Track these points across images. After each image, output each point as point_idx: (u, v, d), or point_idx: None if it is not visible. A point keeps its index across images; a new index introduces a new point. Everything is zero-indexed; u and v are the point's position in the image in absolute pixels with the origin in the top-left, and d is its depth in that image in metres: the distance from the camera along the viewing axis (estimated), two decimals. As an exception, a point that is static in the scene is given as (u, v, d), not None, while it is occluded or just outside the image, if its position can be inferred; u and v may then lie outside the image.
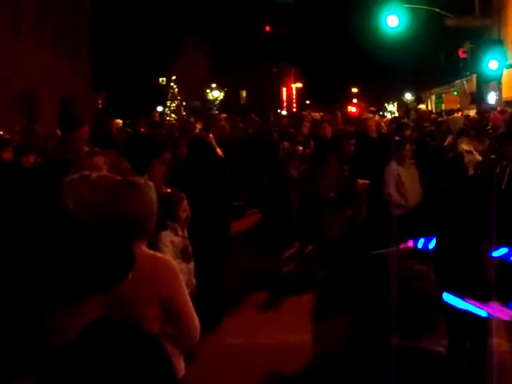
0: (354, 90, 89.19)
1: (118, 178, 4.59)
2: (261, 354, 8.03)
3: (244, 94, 74.99)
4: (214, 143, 11.17)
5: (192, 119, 19.64)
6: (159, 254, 4.08)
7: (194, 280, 6.42)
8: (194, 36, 52.14)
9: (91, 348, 2.06)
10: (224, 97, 62.83)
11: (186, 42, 52.40)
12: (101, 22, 52.16)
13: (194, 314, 3.90)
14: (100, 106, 47.03)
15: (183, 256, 6.45)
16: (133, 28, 59.56)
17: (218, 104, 60.49)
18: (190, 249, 6.67)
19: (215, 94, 62.18)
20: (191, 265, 6.56)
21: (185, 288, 3.87)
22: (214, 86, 61.77)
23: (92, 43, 50.21)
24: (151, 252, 3.95)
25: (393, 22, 27.58)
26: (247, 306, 10.03)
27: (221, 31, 61.41)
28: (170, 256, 5.36)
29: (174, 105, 54.81)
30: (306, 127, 14.32)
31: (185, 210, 6.71)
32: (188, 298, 3.88)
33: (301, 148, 13.22)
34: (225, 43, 61.85)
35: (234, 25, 65.57)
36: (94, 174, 4.73)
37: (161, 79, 63.29)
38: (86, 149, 8.55)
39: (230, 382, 7.34)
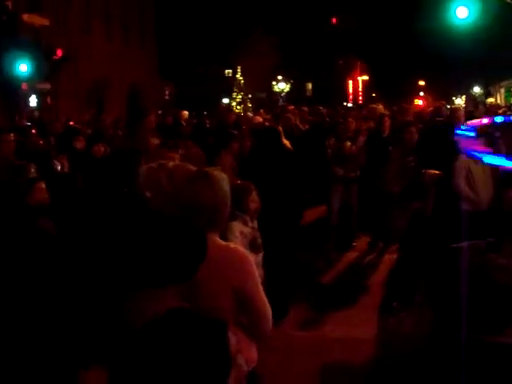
0: (421, 82, 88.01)
1: (193, 167, 4.63)
2: (325, 347, 8.02)
3: (310, 86, 74.73)
4: (282, 134, 11.18)
5: (261, 111, 19.65)
6: (232, 245, 4.09)
7: (261, 271, 6.42)
8: (260, 28, 52.18)
9: (156, 334, 2.09)
10: (290, 89, 62.77)
11: (252, 33, 52.48)
12: (168, 13, 52.63)
13: (267, 303, 3.91)
14: (167, 98, 47.53)
15: (252, 247, 6.45)
16: (200, 19, 59.96)
17: (284, 96, 60.45)
18: (259, 240, 6.68)
19: (281, 86, 62.17)
20: (260, 256, 6.56)
21: (258, 278, 3.88)
22: (280, 77, 61.78)
23: (159, 35, 50.74)
24: (224, 243, 3.97)
25: (462, 13, 27.04)
26: (312, 298, 10.02)
27: (288, 22, 61.37)
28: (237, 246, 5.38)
29: (240, 96, 54.98)
30: (352, 122, 12.92)
31: (254, 200, 6.73)
32: (261, 288, 3.89)
33: (349, 144, 12.21)
34: (291, 35, 61.77)
35: (300, 16, 65.43)
36: (171, 163, 4.79)
37: (227, 71, 63.61)
38: (154, 139, 8.66)
39: (295, 374, 7.34)
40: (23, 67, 28.59)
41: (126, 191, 5.64)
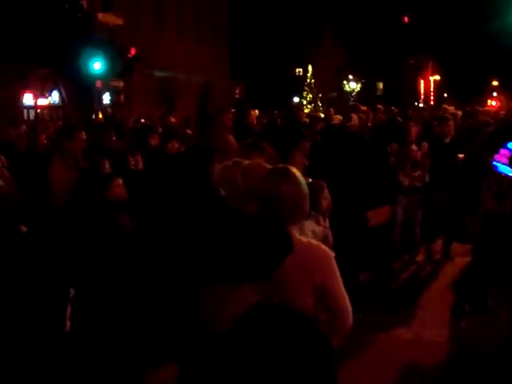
0: (494, 83, 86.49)
1: (268, 165, 4.66)
2: (397, 348, 7.97)
3: (381, 85, 74.26)
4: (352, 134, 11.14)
5: (331, 110, 19.55)
6: (314, 242, 4.08)
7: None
8: (331, 26, 52.00)
9: (253, 329, 2.07)
10: (361, 88, 62.43)
11: (323, 32, 52.34)
12: (240, 13, 52.89)
13: (348, 301, 3.88)
14: (237, 96, 47.77)
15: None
16: (271, 19, 60.12)
17: (355, 95, 60.13)
18: (330, 238, 6.67)
19: (352, 86, 61.87)
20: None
21: (339, 276, 3.85)
22: (350, 77, 61.50)
23: (231, 34, 51.02)
24: (305, 239, 3.97)
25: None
26: (382, 299, 9.95)
27: (358, 21, 61.08)
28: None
29: (311, 96, 54.89)
30: (414, 126, 11.61)
31: (326, 198, 6.73)
32: (342, 286, 3.86)
33: (415, 149, 11.20)
34: (362, 34, 61.46)
35: (372, 15, 65.03)
36: (246, 161, 4.82)
37: (297, 70, 63.62)
38: (230, 136, 8.70)
39: (366, 375, 7.30)
40: (97, 65, 29.13)
41: (200, 188, 5.69)
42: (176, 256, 4.44)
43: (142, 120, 19.60)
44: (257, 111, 17.65)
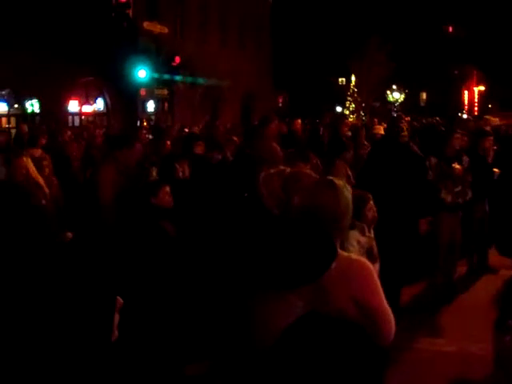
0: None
1: (313, 174, 4.68)
2: (440, 361, 7.92)
3: (424, 95, 73.71)
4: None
5: (376, 120, 19.52)
6: (354, 256, 4.06)
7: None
8: (375, 37, 51.85)
9: (303, 338, 2.07)
10: (404, 98, 62.11)
11: (367, 42, 52.21)
12: (283, 22, 53.00)
13: (391, 314, 3.82)
14: (280, 106, 47.86)
15: (369, 256, 6.40)
16: (314, 28, 60.14)
17: (398, 105, 59.86)
18: (375, 249, 6.66)
19: (396, 96, 61.60)
20: (376, 266, 6.52)
21: (380, 289, 3.83)
22: (394, 87, 61.24)
23: (273, 43, 51.14)
24: (346, 254, 3.95)
25: None
26: (426, 311, 9.90)
27: (402, 32, 60.78)
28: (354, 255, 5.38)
29: (354, 105, 54.77)
30: (457, 139, 10.95)
31: (371, 209, 6.72)
32: (383, 299, 3.82)
33: (458, 166, 10.50)
34: (406, 44, 61.14)
35: (415, 25, 64.68)
36: (288, 169, 4.85)
37: (340, 79, 63.54)
38: (276, 145, 8.74)
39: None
40: (142, 73, 29.38)
41: (247, 197, 5.73)
42: (221, 264, 4.48)
43: (186, 129, 19.73)
44: (299, 121, 17.61)
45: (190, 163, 8.67)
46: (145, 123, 23.38)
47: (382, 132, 14.19)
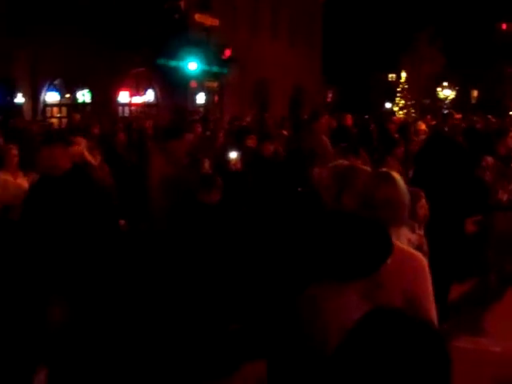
0: None
1: (368, 168, 4.69)
2: (486, 361, 7.85)
3: (475, 93, 72.81)
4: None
5: (428, 116, 19.35)
6: (411, 249, 4.07)
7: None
8: (426, 32, 51.32)
9: (373, 336, 2.06)
10: (455, 96, 61.44)
11: (418, 37, 51.71)
12: (333, 16, 52.80)
13: (435, 312, 3.82)
14: (329, 100, 47.73)
15: (418, 254, 6.40)
16: (364, 23, 59.83)
17: (449, 103, 59.22)
18: (425, 247, 6.61)
19: (446, 93, 60.94)
20: (425, 264, 6.50)
21: (431, 287, 3.82)
22: (445, 84, 60.58)
23: (324, 37, 51.01)
24: (401, 245, 3.96)
25: None
26: (472, 311, 9.81)
27: (454, 28, 60.11)
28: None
29: (403, 102, 54.35)
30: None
31: (423, 207, 6.67)
32: (432, 298, 3.81)
33: None
34: (458, 41, 60.45)
35: (469, 21, 63.90)
36: (345, 163, 4.86)
37: (390, 75, 63.06)
38: (326, 140, 8.74)
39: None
40: (193, 65, 29.52)
41: (301, 191, 5.76)
42: (275, 257, 4.51)
43: (237, 122, 19.76)
44: (349, 116, 17.55)
45: (243, 156, 8.70)
46: (196, 116, 23.47)
47: (425, 128, 14.11)
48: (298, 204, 5.30)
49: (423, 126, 14.42)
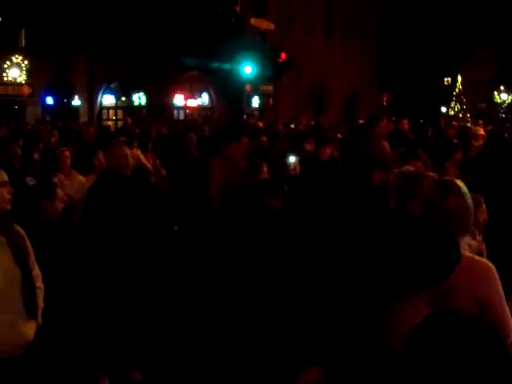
0: None
1: (433, 175, 4.69)
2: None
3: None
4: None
5: (480, 122, 19.12)
6: (478, 257, 4.06)
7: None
8: (484, 38, 50.65)
9: (434, 339, 2.07)
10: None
11: (475, 43, 51.09)
12: (389, 19, 52.51)
13: (510, 317, 3.81)
14: (385, 104, 47.42)
15: (478, 260, 6.34)
16: (419, 27, 59.30)
17: (505, 107, 58.27)
18: (485, 253, 6.56)
19: (503, 97, 59.96)
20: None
21: (502, 293, 3.82)
22: (502, 88, 59.63)
23: (378, 41, 50.77)
24: (469, 253, 3.96)
25: None
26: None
27: (511, 34, 59.19)
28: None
29: (459, 106, 53.71)
30: None
31: (483, 213, 6.61)
32: (505, 304, 3.81)
33: None
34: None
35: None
36: (410, 170, 4.87)
37: (446, 79, 62.35)
38: (386, 144, 8.70)
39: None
40: (248, 69, 29.63)
41: (361, 196, 5.75)
42: (338, 266, 4.52)
43: (292, 125, 19.78)
44: (406, 120, 17.39)
45: (301, 160, 8.71)
46: (253, 120, 23.56)
47: (483, 133, 13.89)
48: (359, 210, 5.31)
49: (482, 131, 14.20)
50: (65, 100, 39.12)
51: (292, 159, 8.56)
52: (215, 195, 8.10)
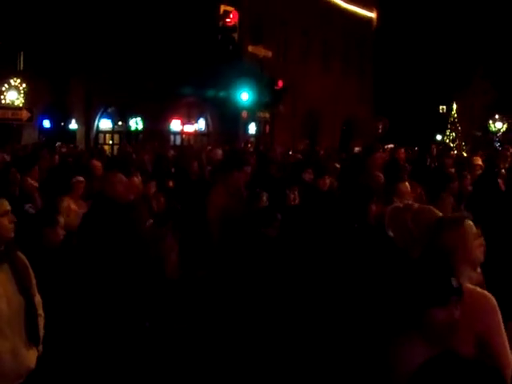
0: None
1: (438, 212, 4.74)
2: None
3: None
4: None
5: (480, 152, 19.12)
6: (478, 289, 4.09)
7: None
8: (480, 67, 50.89)
9: (435, 379, 2.11)
10: (506, 129, 60.60)
11: (470, 72, 51.32)
12: (385, 48, 52.85)
13: (509, 350, 3.81)
14: (380, 132, 47.54)
15: (477, 292, 6.38)
16: (415, 55, 59.71)
17: (500, 135, 58.47)
18: (484, 286, 6.60)
19: (498, 126, 60.17)
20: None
21: (503, 328, 3.83)
22: (497, 117, 59.85)
23: (375, 68, 51.04)
24: (470, 286, 3.99)
25: None
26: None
27: (507, 60, 59.55)
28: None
29: (454, 134, 53.90)
30: None
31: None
32: (505, 339, 3.82)
33: None
34: (511, 73, 59.77)
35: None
36: (416, 205, 4.92)
37: (441, 107, 62.69)
38: (381, 175, 8.75)
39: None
40: (245, 96, 29.74)
41: (357, 227, 5.81)
42: (336, 301, 4.56)
43: (290, 152, 19.83)
44: (403, 150, 17.44)
45: (300, 190, 8.75)
46: (249, 145, 23.62)
47: (480, 163, 13.92)
48: (357, 241, 5.35)
49: (479, 161, 14.21)
50: (62, 123, 39.22)
51: (292, 190, 8.60)
52: (214, 222, 8.14)
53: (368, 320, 3.61)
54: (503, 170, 12.62)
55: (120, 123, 38.36)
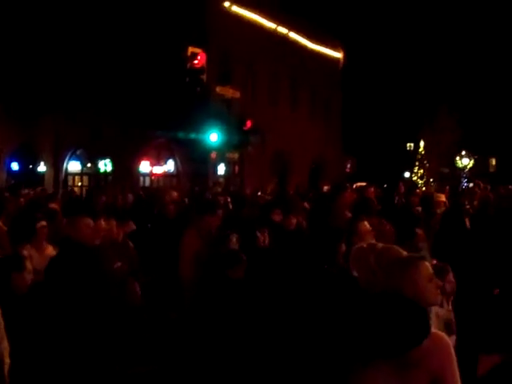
0: None
1: (402, 251, 4.78)
2: None
3: (494, 161, 72.81)
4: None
5: (447, 187, 19.35)
6: (434, 329, 4.13)
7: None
8: (445, 105, 51.62)
9: None
10: (473, 164, 61.40)
11: (436, 110, 52.01)
12: (353, 88, 53.47)
13: None
14: (348, 171, 47.90)
15: (447, 329, 6.40)
16: (382, 94, 60.54)
17: (467, 172, 59.20)
18: (453, 322, 6.64)
19: (464, 162, 60.92)
20: (453, 338, 6.50)
21: (456, 366, 3.86)
22: (463, 153, 60.61)
23: (343, 108, 51.55)
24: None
25: None
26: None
27: (472, 98, 60.50)
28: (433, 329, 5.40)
29: (422, 171, 54.50)
30: None
31: (450, 281, 6.72)
32: (458, 377, 3.85)
33: None
34: (475, 110, 60.69)
35: (484, 93, 64.23)
36: (380, 245, 4.96)
37: (408, 144, 63.48)
38: (349, 215, 8.82)
39: None
40: (214, 137, 29.90)
41: (327, 268, 5.83)
42: (305, 338, 4.57)
43: (259, 193, 19.90)
44: (372, 189, 17.56)
45: (269, 231, 8.77)
46: (219, 188, 23.66)
47: (444, 199, 14.01)
48: (327, 283, 5.38)
49: (442, 198, 14.31)
50: (30, 166, 39.03)
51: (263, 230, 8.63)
52: (186, 264, 8.15)
53: (329, 354, 3.64)
54: (468, 207, 12.81)
55: (89, 165, 38.24)
